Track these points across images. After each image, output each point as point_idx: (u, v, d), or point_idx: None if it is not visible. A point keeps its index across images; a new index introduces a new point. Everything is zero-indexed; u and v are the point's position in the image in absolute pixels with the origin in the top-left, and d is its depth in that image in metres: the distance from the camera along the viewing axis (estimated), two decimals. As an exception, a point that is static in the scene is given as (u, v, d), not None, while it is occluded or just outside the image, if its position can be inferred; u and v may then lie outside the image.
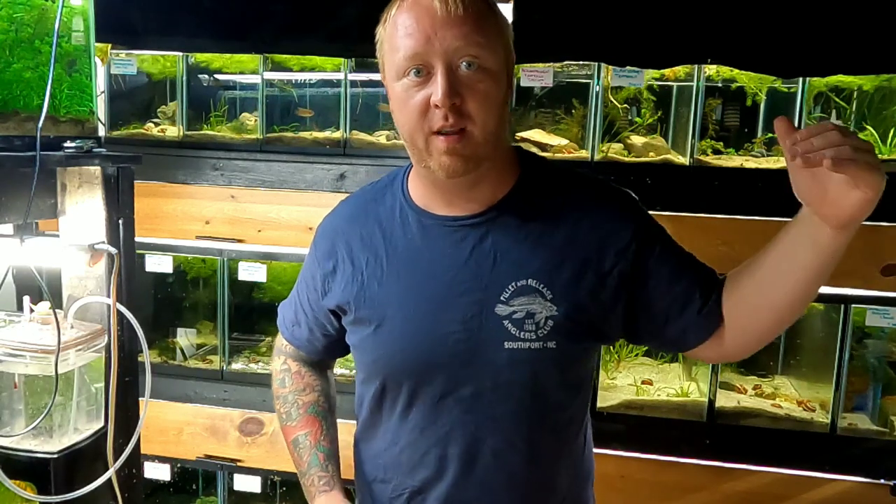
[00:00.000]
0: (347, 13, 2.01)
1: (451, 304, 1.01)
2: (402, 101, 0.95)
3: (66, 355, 1.15)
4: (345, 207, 1.16)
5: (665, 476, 2.07)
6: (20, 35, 1.12)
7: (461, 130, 0.93)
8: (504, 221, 1.01)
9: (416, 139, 0.96)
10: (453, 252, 1.02)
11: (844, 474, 2.03)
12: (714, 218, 2.03)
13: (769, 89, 2.13)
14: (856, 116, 2.12)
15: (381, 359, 1.06)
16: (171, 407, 2.37)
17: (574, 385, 1.07)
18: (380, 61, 1.01)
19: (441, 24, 0.90)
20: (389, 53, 0.96)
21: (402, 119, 0.97)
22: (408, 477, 1.08)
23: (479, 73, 0.92)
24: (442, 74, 0.90)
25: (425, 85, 0.92)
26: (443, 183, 1.00)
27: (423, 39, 0.91)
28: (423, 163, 0.98)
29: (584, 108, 2.15)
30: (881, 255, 1.97)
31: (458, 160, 0.94)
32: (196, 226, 2.31)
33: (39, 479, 1.16)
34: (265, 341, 2.60)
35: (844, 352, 2.02)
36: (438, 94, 0.90)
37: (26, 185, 1.08)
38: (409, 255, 1.05)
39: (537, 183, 1.04)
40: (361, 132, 2.28)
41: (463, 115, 0.92)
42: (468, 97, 0.92)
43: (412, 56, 0.92)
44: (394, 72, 0.95)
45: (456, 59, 0.91)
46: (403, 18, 0.93)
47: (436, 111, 0.92)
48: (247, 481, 2.39)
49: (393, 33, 0.94)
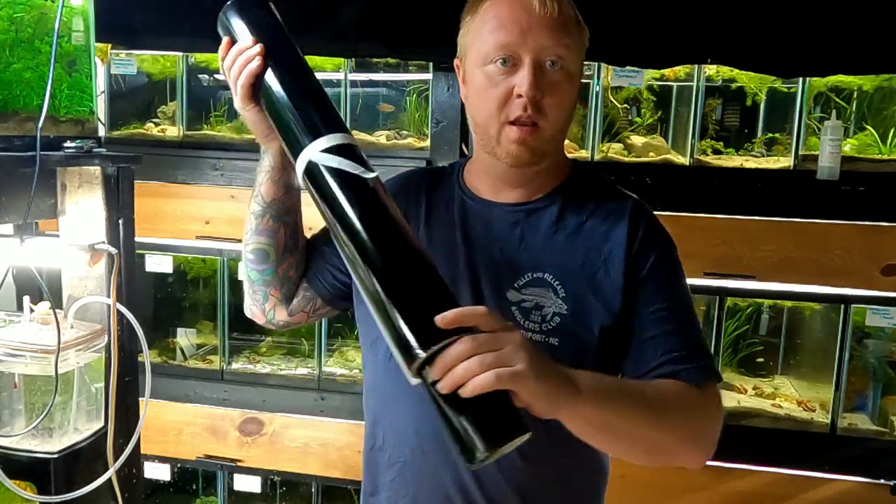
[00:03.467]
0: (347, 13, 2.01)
1: (466, 279, 1.03)
2: (484, 88, 0.98)
3: (66, 355, 1.15)
4: (401, 176, 1.19)
5: (665, 476, 2.07)
6: (20, 35, 1.12)
7: (534, 124, 0.97)
8: (538, 215, 1.04)
9: (489, 125, 0.99)
10: (483, 229, 1.05)
11: (844, 474, 2.03)
12: (714, 218, 2.04)
13: (769, 89, 2.13)
14: (856, 116, 2.12)
15: None
16: (171, 407, 2.37)
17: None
18: (460, 47, 1.05)
19: (536, 22, 0.95)
20: (477, 39, 0.99)
21: (480, 104, 1.00)
22: (405, 447, 1.07)
23: (562, 73, 0.97)
24: (529, 67, 0.95)
25: (510, 75, 0.96)
26: (499, 172, 1.04)
27: (518, 32, 0.95)
28: (490, 149, 1.01)
29: (584, 108, 2.15)
30: (881, 255, 1.97)
31: (526, 151, 0.98)
32: (196, 226, 2.31)
33: (39, 479, 1.16)
34: (265, 341, 2.60)
35: (844, 352, 2.02)
36: (525, 84, 0.95)
37: (26, 185, 1.08)
38: (441, 225, 1.08)
39: (579, 189, 1.07)
40: (361, 132, 2.28)
41: (539, 110, 0.96)
42: (548, 93, 0.96)
43: (503, 45, 0.96)
44: (480, 58, 0.99)
45: (543, 57, 0.96)
46: (499, 10, 0.97)
47: (516, 101, 0.96)
48: (247, 481, 2.39)
49: (485, 22, 0.98)
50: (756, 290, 2.08)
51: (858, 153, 2.03)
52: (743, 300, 2.19)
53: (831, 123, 1.93)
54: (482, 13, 0.99)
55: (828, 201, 1.99)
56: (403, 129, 2.32)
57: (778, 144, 2.13)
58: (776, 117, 2.15)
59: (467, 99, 1.04)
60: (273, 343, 2.59)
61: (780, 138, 2.13)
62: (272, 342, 2.60)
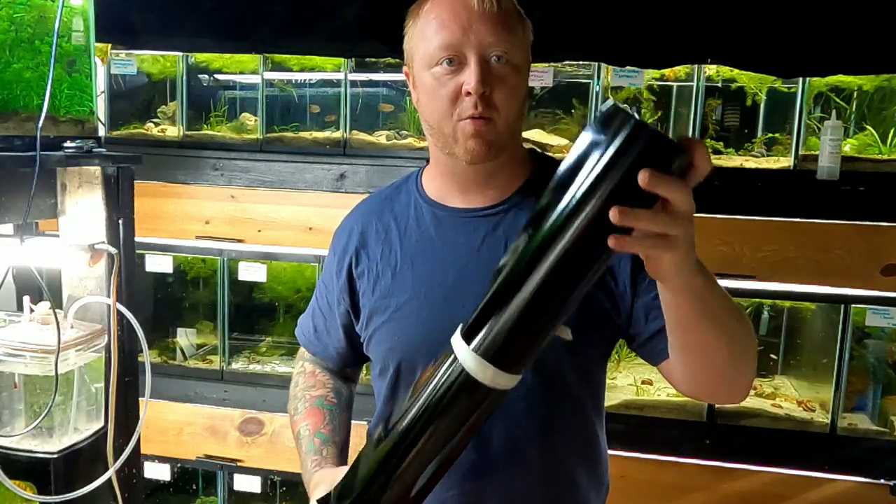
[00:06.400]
0: (347, 13, 2.01)
1: (463, 290, 1.03)
2: (433, 89, 0.99)
3: (66, 355, 1.15)
4: (361, 206, 1.20)
5: (665, 476, 2.07)
6: (20, 35, 1.12)
7: (488, 119, 0.98)
8: (516, 213, 1.04)
9: (443, 125, 1.00)
10: (466, 241, 1.05)
11: (844, 474, 2.03)
12: (714, 218, 2.03)
13: (769, 89, 2.13)
14: (856, 116, 2.12)
15: (397, 345, 1.07)
16: (171, 407, 2.37)
17: (584, 377, 1.08)
18: (407, 53, 1.05)
19: (477, 19, 0.96)
20: (421, 43, 1.00)
21: (431, 106, 1.01)
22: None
23: (508, 67, 0.98)
24: (475, 64, 0.96)
25: (456, 74, 0.97)
26: (460, 174, 1.05)
27: (460, 31, 0.96)
28: (448, 149, 1.02)
29: (584, 108, 2.15)
30: (881, 255, 1.97)
31: (482, 145, 0.98)
32: (196, 226, 2.31)
33: (39, 479, 1.16)
34: (265, 341, 2.60)
35: (844, 352, 2.02)
36: (472, 82, 0.95)
37: (26, 185, 1.08)
38: (422, 244, 1.08)
39: (548, 179, 1.05)
40: (361, 132, 2.28)
41: (490, 105, 0.97)
42: (496, 88, 0.97)
43: (447, 46, 0.97)
44: (425, 61, 1.00)
45: (488, 52, 0.97)
46: (439, 11, 0.98)
47: (466, 99, 0.97)
48: (247, 481, 2.39)
49: (427, 24, 0.99)
50: (756, 290, 2.08)
51: (858, 153, 2.03)
52: (743, 300, 2.19)
53: (831, 123, 1.93)
54: (424, 16, 1.00)
55: (828, 201, 1.98)
56: (403, 129, 2.32)
57: (778, 144, 2.13)
58: (776, 117, 2.15)
59: (419, 103, 1.05)
60: (273, 343, 2.59)
61: (780, 138, 2.13)
62: (272, 342, 2.60)
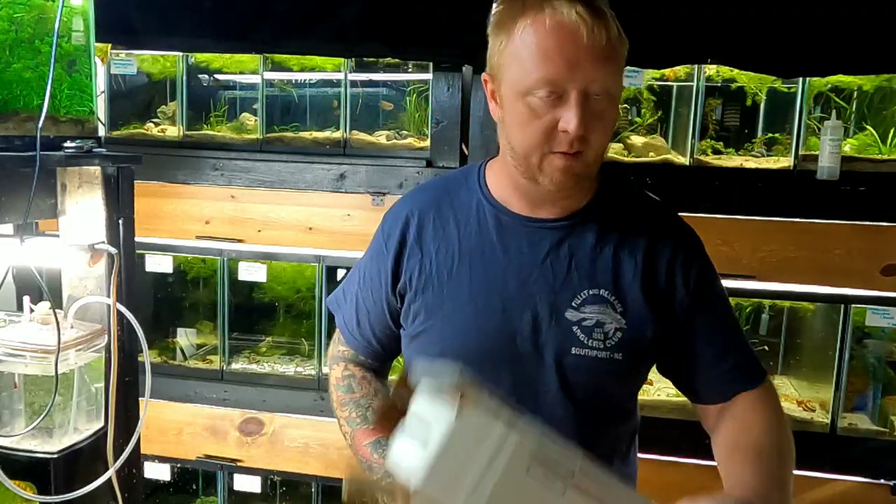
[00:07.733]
0: (347, 13, 2.00)
1: (523, 302, 1.02)
2: (527, 120, 0.94)
3: (66, 355, 1.15)
4: (417, 195, 1.15)
5: (665, 476, 2.07)
6: (20, 35, 1.12)
7: (579, 152, 0.95)
8: (581, 230, 1.04)
9: (531, 155, 0.96)
10: (529, 251, 1.04)
11: (844, 474, 2.03)
12: (714, 218, 2.03)
13: (769, 89, 2.13)
14: (856, 116, 2.12)
15: (450, 349, 1.05)
16: (171, 407, 2.37)
17: (631, 398, 1.11)
18: (492, 64, 0.99)
19: (585, 54, 0.90)
20: (515, 65, 0.94)
21: (522, 136, 0.96)
22: None
23: (607, 100, 0.94)
24: (577, 104, 0.91)
25: (554, 108, 0.92)
26: (535, 194, 1.02)
27: (565, 67, 0.90)
28: (531, 175, 0.99)
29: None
30: (881, 255, 1.97)
31: (571, 178, 0.96)
32: (196, 226, 2.31)
33: (39, 479, 1.16)
34: (265, 341, 2.60)
35: (844, 352, 2.02)
36: (573, 123, 0.91)
37: (26, 185, 1.08)
38: (483, 248, 1.06)
39: (614, 198, 1.08)
40: (361, 132, 2.29)
41: (584, 142, 0.93)
42: (593, 125, 0.93)
43: (549, 81, 0.91)
44: (520, 87, 0.94)
45: (590, 88, 0.92)
46: (542, 38, 0.91)
47: (561, 135, 0.93)
48: (247, 481, 2.39)
49: (527, 49, 0.92)
50: (756, 290, 2.08)
51: (858, 153, 2.03)
52: (743, 300, 2.19)
53: (831, 123, 1.93)
54: (521, 36, 0.93)
55: (828, 201, 1.99)
56: (403, 129, 2.32)
57: (778, 144, 2.13)
58: (776, 117, 2.15)
59: (503, 122, 1.00)
60: (273, 343, 2.59)
61: (780, 138, 2.13)
62: (272, 342, 2.60)
